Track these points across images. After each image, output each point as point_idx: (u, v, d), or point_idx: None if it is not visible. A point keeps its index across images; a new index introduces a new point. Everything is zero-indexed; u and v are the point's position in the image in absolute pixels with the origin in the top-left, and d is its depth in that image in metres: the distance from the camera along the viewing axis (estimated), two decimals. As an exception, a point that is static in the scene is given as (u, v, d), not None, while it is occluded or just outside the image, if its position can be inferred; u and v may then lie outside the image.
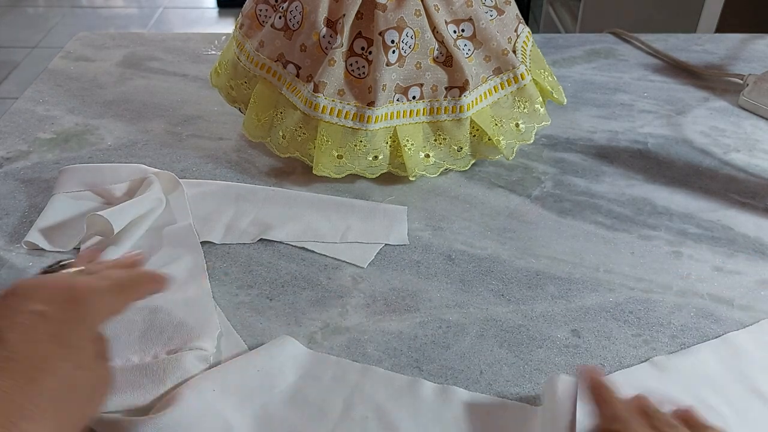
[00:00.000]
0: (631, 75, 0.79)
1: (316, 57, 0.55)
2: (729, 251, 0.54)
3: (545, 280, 0.51)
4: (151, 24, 2.81)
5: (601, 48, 0.85)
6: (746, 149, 0.66)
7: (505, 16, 0.59)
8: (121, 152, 0.64)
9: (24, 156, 0.63)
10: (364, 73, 0.55)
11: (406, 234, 0.55)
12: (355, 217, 0.56)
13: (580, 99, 0.74)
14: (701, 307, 0.49)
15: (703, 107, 0.73)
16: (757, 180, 0.62)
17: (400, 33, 0.54)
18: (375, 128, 0.56)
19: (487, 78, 0.58)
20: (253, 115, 0.60)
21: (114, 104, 0.71)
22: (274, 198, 0.58)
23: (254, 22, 0.60)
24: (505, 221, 0.57)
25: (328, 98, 0.55)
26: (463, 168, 0.61)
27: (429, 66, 0.56)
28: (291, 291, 0.50)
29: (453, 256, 0.53)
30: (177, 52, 0.82)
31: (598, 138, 0.68)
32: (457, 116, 0.57)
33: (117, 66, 0.79)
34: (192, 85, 0.75)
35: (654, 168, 0.63)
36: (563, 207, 0.58)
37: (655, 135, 0.68)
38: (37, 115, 0.70)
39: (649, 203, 0.59)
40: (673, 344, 0.46)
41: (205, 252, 0.53)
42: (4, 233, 0.54)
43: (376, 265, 0.52)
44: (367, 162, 0.58)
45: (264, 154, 0.63)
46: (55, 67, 0.78)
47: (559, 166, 0.63)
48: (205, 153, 0.64)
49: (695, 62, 0.80)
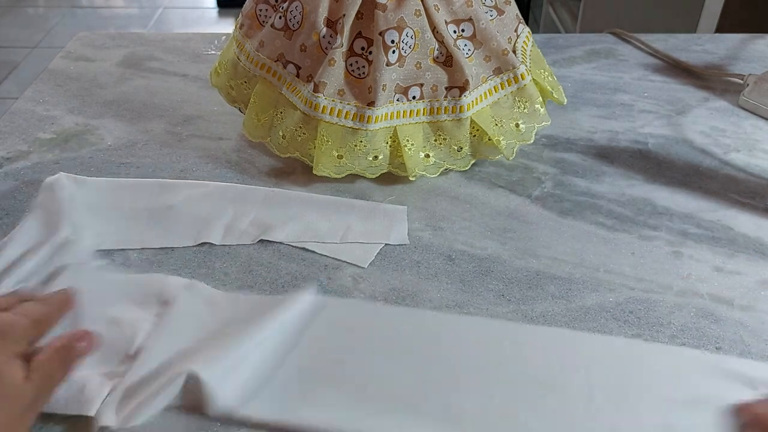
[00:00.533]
0: (631, 75, 0.79)
1: (316, 57, 0.55)
2: (729, 251, 0.54)
3: (545, 280, 0.51)
4: (151, 24, 2.81)
5: (601, 48, 0.85)
6: (746, 149, 0.66)
7: (505, 16, 0.59)
8: (121, 152, 0.64)
9: (24, 156, 0.63)
10: (364, 73, 0.55)
11: (406, 234, 0.55)
12: (354, 217, 0.56)
13: (580, 99, 0.74)
14: (701, 307, 0.49)
15: (703, 107, 0.73)
16: (757, 180, 0.62)
17: (400, 33, 0.54)
18: (375, 128, 0.56)
19: (487, 78, 0.58)
20: (253, 115, 0.60)
21: (114, 104, 0.71)
22: (274, 198, 0.58)
23: (254, 22, 0.60)
24: (506, 221, 0.57)
25: (328, 98, 0.55)
26: (463, 168, 0.61)
27: (429, 66, 0.56)
28: (291, 291, 0.50)
29: (453, 256, 0.53)
30: (177, 52, 0.82)
31: (598, 138, 0.68)
32: (457, 116, 0.57)
33: (117, 66, 0.79)
34: (192, 85, 0.75)
35: (654, 168, 0.63)
36: (563, 207, 0.58)
37: (656, 135, 0.68)
38: (37, 115, 0.70)
39: (650, 203, 0.59)
40: (673, 344, 0.46)
41: (205, 252, 0.53)
42: (4, 233, 0.54)
43: (377, 266, 0.52)
44: (367, 162, 0.58)
45: (264, 154, 0.63)
46: (55, 67, 0.78)
47: (559, 166, 0.63)
48: (205, 153, 0.64)
49: (695, 62, 0.80)
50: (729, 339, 0.46)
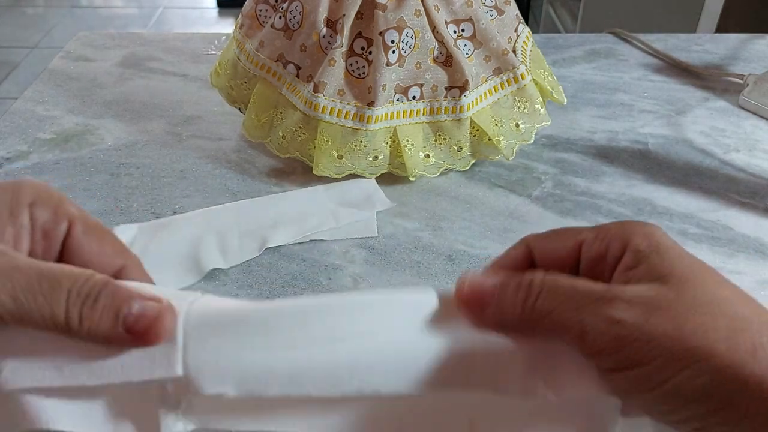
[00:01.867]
0: (631, 75, 0.79)
1: (316, 57, 0.55)
2: (729, 251, 0.54)
3: (545, 280, 0.51)
4: (151, 24, 2.81)
5: (601, 48, 0.85)
6: (746, 149, 0.66)
7: (505, 16, 0.59)
8: (121, 152, 0.64)
9: (24, 156, 0.63)
10: (364, 73, 0.55)
11: (385, 197, 0.58)
12: (333, 201, 0.57)
13: (580, 99, 0.74)
14: (701, 307, 0.49)
15: (703, 107, 0.73)
16: (757, 180, 0.62)
17: (400, 33, 0.54)
18: (375, 128, 0.56)
19: (487, 78, 0.58)
20: (253, 116, 0.60)
21: (114, 104, 0.71)
22: (248, 209, 0.56)
23: (254, 22, 0.60)
24: (506, 221, 0.57)
25: (328, 98, 0.55)
26: (463, 168, 0.61)
27: (429, 66, 0.56)
28: (291, 291, 0.50)
29: (453, 256, 0.53)
30: (177, 52, 0.82)
31: (598, 138, 0.68)
32: (457, 116, 0.57)
33: (117, 66, 0.79)
34: (192, 85, 0.75)
35: (654, 168, 0.63)
36: (564, 207, 0.58)
37: (655, 135, 0.68)
38: (37, 115, 0.70)
39: (650, 203, 0.59)
40: (674, 344, 0.46)
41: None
42: (4, 233, 0.54)
43: (376, 266, 0.52)
44: (367, 162, 0.58)
45: (264, 154, 0.63)
46: (55, 67, 0.78)
47: (559, 166, 0.63)
48: (205, 153, 0.64)
49: (695, 62, 0.80)
50: (729, 339, 0.46)
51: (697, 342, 0.22)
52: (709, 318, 0.23)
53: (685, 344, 0.22)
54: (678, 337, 0.23)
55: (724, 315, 0.23)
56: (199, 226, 0.55)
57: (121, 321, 0.23)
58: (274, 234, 0.54)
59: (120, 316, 0.23)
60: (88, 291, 0.23)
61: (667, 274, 0.24)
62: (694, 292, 0.24)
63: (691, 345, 0.22)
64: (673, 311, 0.23)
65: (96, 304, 0.23)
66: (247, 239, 0.54)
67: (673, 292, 0.24)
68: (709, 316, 0.23)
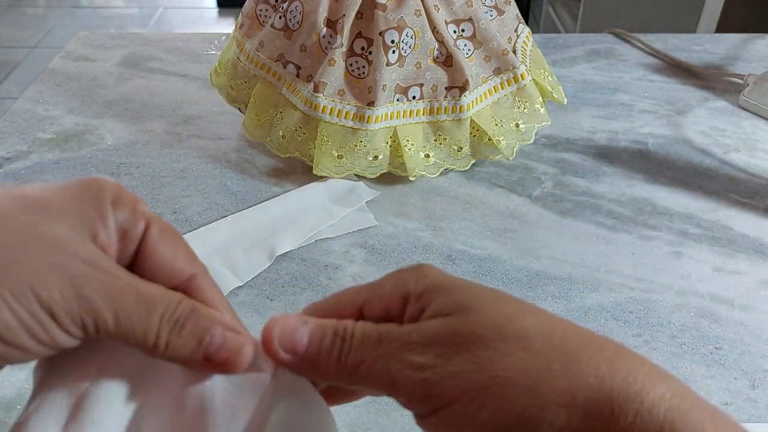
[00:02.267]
0: (631, 75, 0.79)
1: (316, 57, 0.55)
2: (729, 251, 0.54)
3: (545, 280, 0.51)
4: (151, 24, 2.81)
5: (601, 48, 0.85)
6: (746, 149, 0.66)
7: (505, 16, 0.59)
8: (121, 152, 0.64)
9: (24, 156, 0.63)
10: (364, 73, 0.55)
11: (366, 187, 0.59)
12: (324, 199, 0.58)
13: (580, 99, 0.74)
14: (701, 307, 0.49)
15: (703, 107, 0.73)
16: (757, 180, 0.62)
17: (400, 33, 0.54)
18: (375, 128, 0.56)
19: (487, 78, 0.58)
20: (253, 115, 0.60)
21: (114, 104, 0.71)
22: (242, 225, 0.56)
23: (254, 22, 0.60)
24: (506, 221, 0.57)
25: (328, 98, 0.55)
26: (463, 168, 0.61)
27: (429, 66, 0.56)
28: (291, 291, 0.50)
29: (453, 256, 0.53)
30: (177, 52, 0.82)
31: (598, 138, 0.68)
32: (457, 116, 0.57)
33: (117, 66, 0.79)
34: (192, 85, 0.75)
35: (654, 168, 0.63)
36: (564, 207, 0.58)
37: (656, 135, 0.68)
38: (37, 115, 0.70)
39: (650, 203, 0.59)
40: (673, 344, 0.46)
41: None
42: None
43: (376, 266, 0.52)
44: (367, 162, 0.58)
45: (264, 154, 0.63)
46: (55, 67, 0.78)
47: (559, 166, 0.63)
48: (205, 153, 0.64)
49: (695, 62, 0.80)
50: (729, 339, 0.47)
51: (496, 371, 0.22)
52: (500, 344, 0.23)
53: (485, 374, 0.22)
54: (476, 369, 0.22)
55: (515, 336, 0.23)
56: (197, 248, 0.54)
57: (204, 349, 0.25)
58: (279, 241, 0.54)
59: (203, 344, 0.25)
60: (177, 317, 0.24)
61: (451, 310, 0.24)
62: (483, 317, 0.23)
63: (491, 375, 0.22)
64: (466, 344, 0.23)
65: (182, 331, 0.24)
66: (253, 252, 0.53)
67: (462, 324, 0.23)
68: (500, 342, 0.23)
